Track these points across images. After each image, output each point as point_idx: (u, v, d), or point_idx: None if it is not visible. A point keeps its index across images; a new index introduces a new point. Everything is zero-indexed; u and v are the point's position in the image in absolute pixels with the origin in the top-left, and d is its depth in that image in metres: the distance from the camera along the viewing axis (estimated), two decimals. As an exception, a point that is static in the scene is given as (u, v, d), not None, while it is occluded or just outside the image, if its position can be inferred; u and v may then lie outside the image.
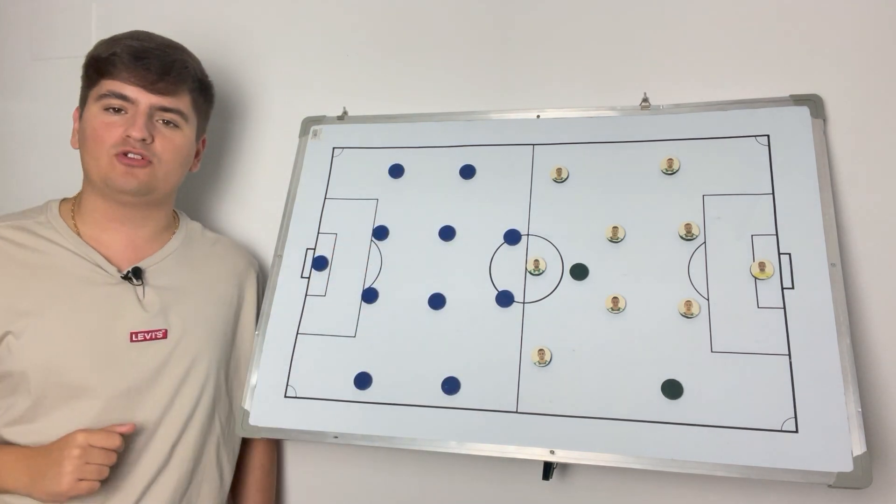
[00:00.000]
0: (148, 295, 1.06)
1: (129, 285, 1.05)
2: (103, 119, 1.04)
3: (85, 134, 1.05)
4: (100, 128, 1.03)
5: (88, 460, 0.93)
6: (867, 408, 1.01)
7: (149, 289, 1.06)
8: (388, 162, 1.23)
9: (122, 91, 1.04)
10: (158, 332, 1.05)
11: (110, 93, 1.04)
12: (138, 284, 1.06)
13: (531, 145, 1.18)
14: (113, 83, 1.04)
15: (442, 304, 1.12)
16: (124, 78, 1.04)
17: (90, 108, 1.05)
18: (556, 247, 1.11)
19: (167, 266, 1.11)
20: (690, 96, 1.14)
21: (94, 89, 1.05)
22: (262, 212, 1.35)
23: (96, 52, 1.07)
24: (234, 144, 1.38)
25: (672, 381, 0.98)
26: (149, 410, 1.03)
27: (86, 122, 1.05)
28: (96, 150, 1.03)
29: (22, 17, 1.55)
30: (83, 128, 1.06)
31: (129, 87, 1.04)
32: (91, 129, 1.04)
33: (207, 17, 1.42)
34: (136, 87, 1.04)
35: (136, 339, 1.03)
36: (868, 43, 1.10)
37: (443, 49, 1.30)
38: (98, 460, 0.93)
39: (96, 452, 0.93)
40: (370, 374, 1.10)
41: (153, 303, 1.06)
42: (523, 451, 1.00)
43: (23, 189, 1.51)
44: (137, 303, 1.05)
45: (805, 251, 1.00)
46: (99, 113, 1.04)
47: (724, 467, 0.93)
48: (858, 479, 0.88)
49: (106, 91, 1.04)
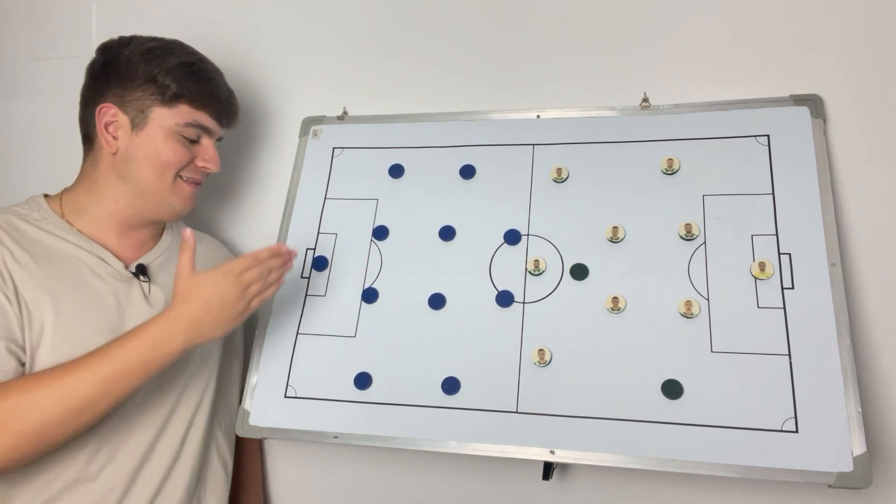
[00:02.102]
0: (153, 291, 1.06)
1: (136, 281, 1.05)
2: (179, 144, 1.04)
3: (147, 151, 1.03)
4: (173, 152, 1.04)
5: (251, 291, 0.96)
6: (867, 408, 1.01)
7: (154, 285, 1.06)
8: (388, 162, 1.23)
9: (206, 124, 1.07)
10: None
11: (195, 123, 1.05)
12: (145, 281, 1.06)
13: (531, 145, 1.18)
14: (199, 115, 1.06)
15: (442, 304, 1.12)
16: (211, 112, 1.07)
17: (161, 128, 1.03)
18: (556, 247, 1.11)
19: (164, 262, 1.11)
20: (690, 96, 1.14)
21: (172, 111, 1.03)
22: (262, 212, 1.35)
23: (185, 77, 1.04)
24: (234, 144, 1.38)
25: (672, 381, 0.98)
26: (158, 406, 1.03)
27: (151, 140, 1.03)
28: (165, 171, 1.04)
29: (22, 17, 1.55)
30: (141, 143, 1.03)
31: (212, 121, 1.08)
32: (162, 150, 1.03)
33: (207, 18, 1.42)
34: (216, 122, 1.09)
35: None
36: (868, 43, 1.10)
37: (443, 49, 1.30)
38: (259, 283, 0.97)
39: (246, 277, 0.96)
40: (370, 374, 1.10)
41: (158, 299, 1.06)
42: (523, 451, 1.00)
43: (23, 189, 1.50)
44: (144, 299, 1.05)
45: (805, 251, 1.00)
46: (175, 137, 1.04)
47: (724, 467, 0.92)
48: (858, 479, 0.88)
49: (191, 121, 1.04)
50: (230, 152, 1.38)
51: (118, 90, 1.03)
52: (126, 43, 1.06)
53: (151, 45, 1.05)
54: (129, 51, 1.04)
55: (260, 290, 0.98)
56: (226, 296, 0.94)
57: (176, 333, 0.92)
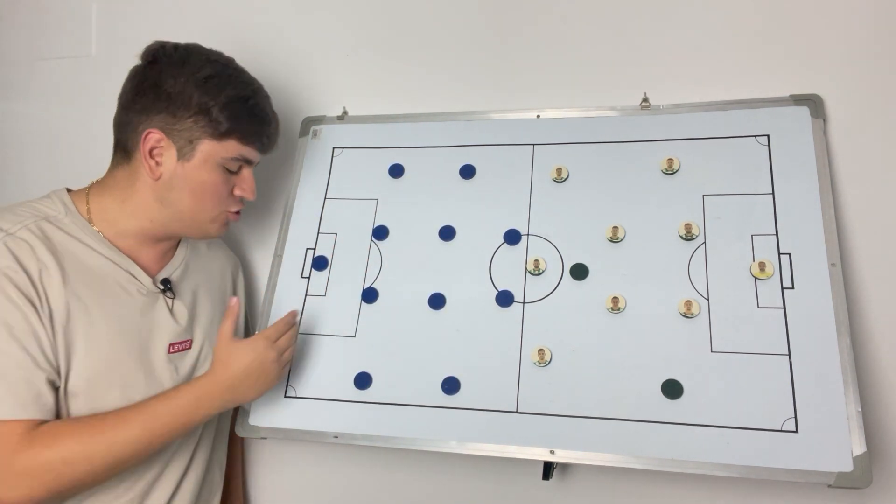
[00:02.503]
0: (177, 306, 1.05)
1: (161, 296, 1.03)
2: (222, 176, 1.02)
3: (193, 183, 1.00)
4: (217, 184, 1.02)
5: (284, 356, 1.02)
6: (867, 408, 1.01)
7: (177, 301, 1.06)
8: (388, 162, 1.23)
9: (250, 157, 1.05)
10: (187, 342, 1.06)
11: (241, 157, 1.03)
12: (171, 297, 1.05)
13: (531, 145, 1.18)
14: (247, 149, 1.03)
15: (442, 304, 1.12)
16: (258, 147, 1.05)
17: (207, 161, 1.00)
18: (556, 247, 1.11)
19: (183, 273, 1.10)
20: (690, 96, 1.14)
21: (221, 145, 1.00)
22: (262, 212, 1.35)
23: (240, 113, 1.00)
24: (234, 144, 1.38)
25: (672, 381, 0.98)
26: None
27: (197, 172, 1.00)
28: (211, 205, 1.03)
29: (22, 17, 1.55)
30: (187, 173, 0.99)
31: (257, 153, 1.06)
32: (207, 183, 1.01)
33: (207, 18, 1.42)
34: (260, 153, 1.07)
35: (172, 352, 1.03)
36: (868, 43, 1.10)
37: (443, 49, 1.30)
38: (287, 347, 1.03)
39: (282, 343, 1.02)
40: (370, 374, 1.10)
41: (182, 314, 1.06)
42: (523, 451, 1.00)
43: (22, 189, 1.50)
44: (169, 314, 1.04)
45: (805, 251, 1.00)
46: (220, 169, 1.01)
47: (724, 467, 0.93)
48: (858, 479, 0.88)
49: (237, 156, 1.02)
50: (230, 152, 1.39)
51: (167, 117, 0.97)
52: (182, 62, 0.98)
53: (208, 72, 0.99)
54: (184, 77, 0.97)
55: (290, 356, 1.05)
56: (264, 363, 0.99)
57: (217, 395, 0.97)
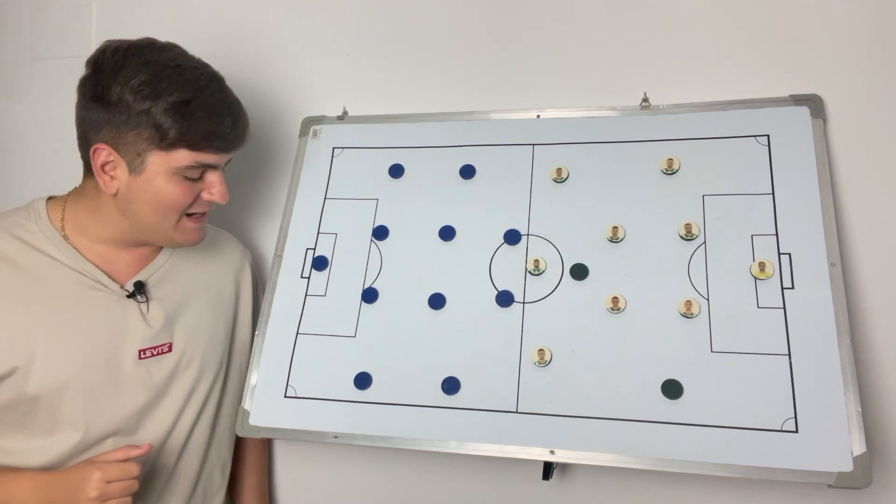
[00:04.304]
0: (152, 310, 1.04)
1: (133, 302, 1.02)
2: (183, 187, 0.96)
3: (149, 196, 0.96)
4: (176, 195, 0.96)
5: (108, 497, 0.88)
6: (867, 408, 1.01)
7: (152, 303, 1.04)
8: (388, 162, 1.23)
9: (208, 162, 0.97)
10: (164, 346, 1.04)
11: (198, 164, 0.96)
12: (142, 301, 1.03)
13: (531, 145, 1.18)
14: (201, 156, 0.96)
15: (442, 304, 1.12)
16: (214, 150, 0.97)
17: (160, 173, 0.94)
18: (556, 247, 1.11)
19: (165, 274, 1.08)
20: (690, 96, 1.14)
21: (170, 155, 0.94)
22: (262, 212, 1.35)
23: (182, 119, 0.92)
24: (234, 144, 1.38)
25: (672, 381, 0.98)
26: (159, 423, 1.03)
27: (151, 185, 0.95)
28: (168, 213, 0.98)
29: (22, 17, 1.55)
30: (140, 187, 0.95)
31: (216, 156, 0.98)
32: (164, 194, 0.96)
33: (207, 18, 1.42)
34: (221, 155, 0.99)
35: (144, 357, 1.01)
36: (868, 43, 1.10)
37: (443, 49, 1.30)
38: (118, 494, 0.89)
39: (115, 487, 0.89)
40: (370, 374, 1.10)
41: (157, 318, 1.04)
42: (523, 451, 1.00)
43: (22, 189, 1.51)
44: (142, 319, 1.02)
45: (805, 251, 1.00)
46: (177, 179, 0.96)
47: (724, 467, 0.92)
48: (858, 479, 0.88)
49: (192, 163, 0.95)
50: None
51: (112, 130, 0.93)
52: (117, 68, 0.93)
53: (144, 76, 0.92)
54: (119, 84, 0.92)
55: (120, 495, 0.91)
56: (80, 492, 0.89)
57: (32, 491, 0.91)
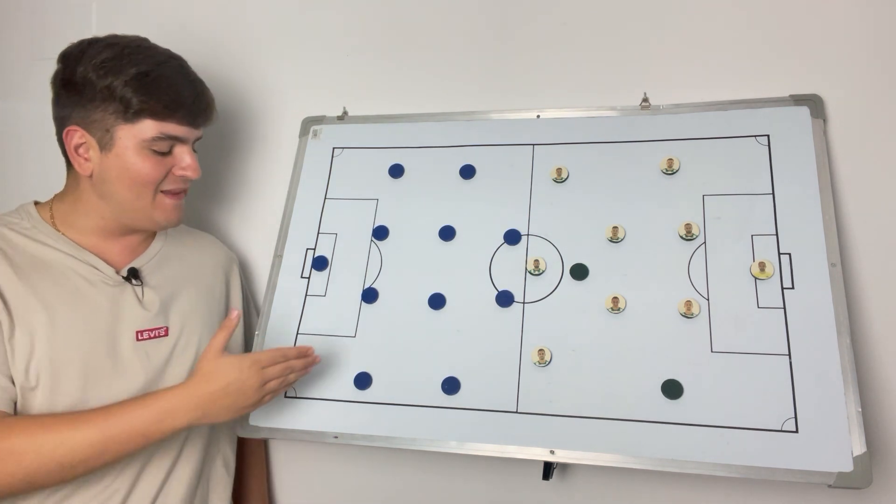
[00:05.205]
0: (147, 294, 1.06)
1: (129, 286, 1.05)
2: (152, 159, 0.99)
3: (120, 172, 0.99)
4: (147, 169, 0.99)
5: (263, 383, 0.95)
6: (867, 408, 1.01)
7: (147, 288, 1.07)
8: (388, 162, 1.23)
9: (175, 133, 1.00)
10: (161, 329, 1.06)
11: (164, 136, 0.99)
12: (137, 285, 1.06)
13: (531, 145, 1.18)
14: (166, 126, 0.99)
15: (442, 304, 1.12)
16: (179, 120, 1.00)
17: (129, 147, 0.98)
18: (556, 247, 1.11)
19: (158, 264, 1.11)
20: (690, 96, 1.14)
21: (136, 126, 0.97)
22: (262, 212, 1.35)
23: (142, 90, 0.96)
24: (233, 144, 1.38)
25: (672, 381, 0.98)
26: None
27: (122, 160, 0.98)
28: (142, 189, 1.00)
29: (22, 17, 1.55)
30: (112, 164, 0.98)
31: (182, 128, 1.01)
32: (135, 169, 0.99)
33: (207, 18, 1.42)
34: (188, 127, 1.02)
35: (141, 339, 1.03)
36: (868, 43, 1.10)
37: (443, 49, 1.30)
38: (278, 374, 0.96)
39: (270, 372, 0.96)
40: (370, 374, 1.10)
41: (153, 301, 1.06)
42: (523, 451, 1.00)
43: (22, 189, 1.50)
44: (138, 302, 1.05)
45: (805, 251, 1.00)
46: (147, 153, 0.99)
47: (724, 467, 0.93)
48: (858, 479, 0.88)
49: (158, 134, 0.98)
50: (229, 152, 1.39)
51: (80, 111, 0.98)
52: (82, 52, 0.98)
53: (106, 55, 0.97)
54: (83, 65, 0.97)
55: (277, 387, 0.98)
56: (245, 385, 0.94)
57: (185, 411, 0.92)
